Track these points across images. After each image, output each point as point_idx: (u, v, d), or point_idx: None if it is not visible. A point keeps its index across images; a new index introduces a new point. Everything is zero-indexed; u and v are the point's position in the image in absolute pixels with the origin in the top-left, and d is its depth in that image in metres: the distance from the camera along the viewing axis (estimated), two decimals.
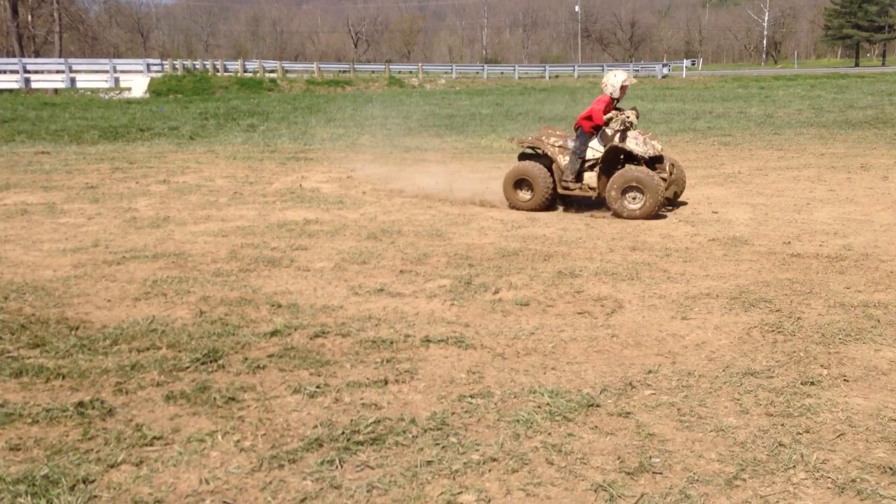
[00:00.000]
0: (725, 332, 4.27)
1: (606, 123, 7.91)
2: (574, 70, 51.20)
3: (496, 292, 5.08)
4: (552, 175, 8.20)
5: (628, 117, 7.79)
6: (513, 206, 8.27)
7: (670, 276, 5.44)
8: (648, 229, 7.03)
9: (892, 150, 12.97)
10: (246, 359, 3.88)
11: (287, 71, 43.86)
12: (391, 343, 4.10)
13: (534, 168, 8.20)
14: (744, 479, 2.70)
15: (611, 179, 7.68)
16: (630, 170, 7.63)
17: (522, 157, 8.67)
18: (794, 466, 2.78)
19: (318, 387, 3.53)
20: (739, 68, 74.13)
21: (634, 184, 7.54)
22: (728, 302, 4.80)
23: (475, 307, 4.77)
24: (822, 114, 20.40)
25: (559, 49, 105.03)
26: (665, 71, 51.33)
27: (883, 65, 72.51)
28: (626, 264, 5.76)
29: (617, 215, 7.67)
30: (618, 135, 7.84)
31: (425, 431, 3.09)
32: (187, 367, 3.78)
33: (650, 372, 3.71)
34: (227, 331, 4.30)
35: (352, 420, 3.19)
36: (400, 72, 48.35)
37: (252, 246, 6.43)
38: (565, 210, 8.30)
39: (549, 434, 3.07)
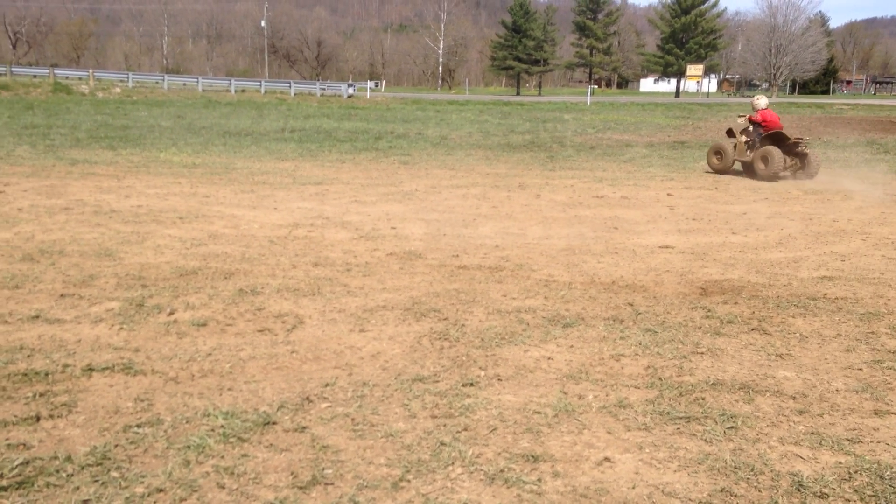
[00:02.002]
0: (399, 341, 4.51)
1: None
2: (261, 85, 50.74)
3: (171, 313, 4.85)
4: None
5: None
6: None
7: (350, 290, 5.61)
8: (331, 245, 7.19)
9: (544, 171, 14.65)
10: None
11: None
12: (46, 375, 3.73)
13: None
14: (408, 480, 2.87)
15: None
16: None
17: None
18: (453, 463, 3.01)
19: None
20: (419, 92, 78.92)
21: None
22: (402, 313, 5.07)
23: (147, 330, 4.51)
24: (488, 137, 22.43)
25: (246, 63, 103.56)
26: (350, 91, 52.91)
27: (539, 94, 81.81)
28: (309, 280, 5.83)
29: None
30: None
31: (83, 468, 2.84)
32: None
33: (327, 385, 3.79)
34: None
35: None
36: (68, 77, 44.28)
37: None
38: None
39: (222, 457, 3.00)
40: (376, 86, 68.04)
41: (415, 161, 15.66)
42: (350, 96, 50.63)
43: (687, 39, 78.89)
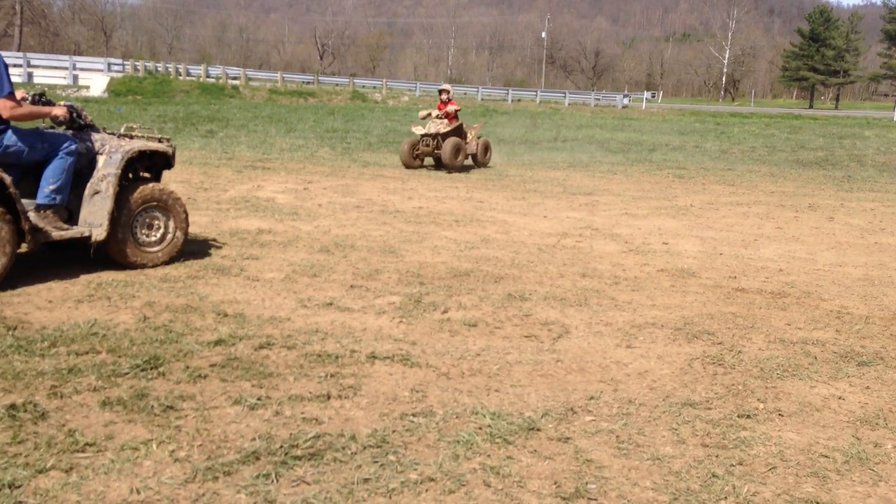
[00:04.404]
0: (668, 362, 4.34)
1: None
2: (536, 95, 51.83)
3: (445, 312, 5.09)
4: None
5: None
6: None
7: (618, 304, 5.52)
8: (599, 257, 7.13)
9: (839, 191, 13.37)
10: (187, 367, 3.82)
11: (250, 78, 43.58)
12: (336, 358, 4.08)
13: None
14: None
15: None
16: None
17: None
18: (726, 498, 2.83)
19: (259, 399, 3.49)
20: (698, 103, 75.80)
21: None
22: (672, 332, 4.88)
23: (423, 325, 4.78)
24: (774, 152, 20.96)
25: (523, 73, 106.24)
26: (625, 101, 52.22)
27: (836, 108, 74.81)
28: (576, 290, 5.82)
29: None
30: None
31: (365, 448, 3.07)
32: (126, 374, 3.70)
33: (592, 398, 3.75)
34: (169, 338, 4.23)
35: (291, 434, 3.16)
36: (364, 86, 48.43)
37: (202, 253, 6.35)
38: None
39: (489, 456, 3.08)
40: (653, 96, 66.49)
41: (691, 175, 15.06)
42: (625, 107, 49.99)
43: None
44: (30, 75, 35.90)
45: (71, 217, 5.59)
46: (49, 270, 5.52)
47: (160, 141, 6.03)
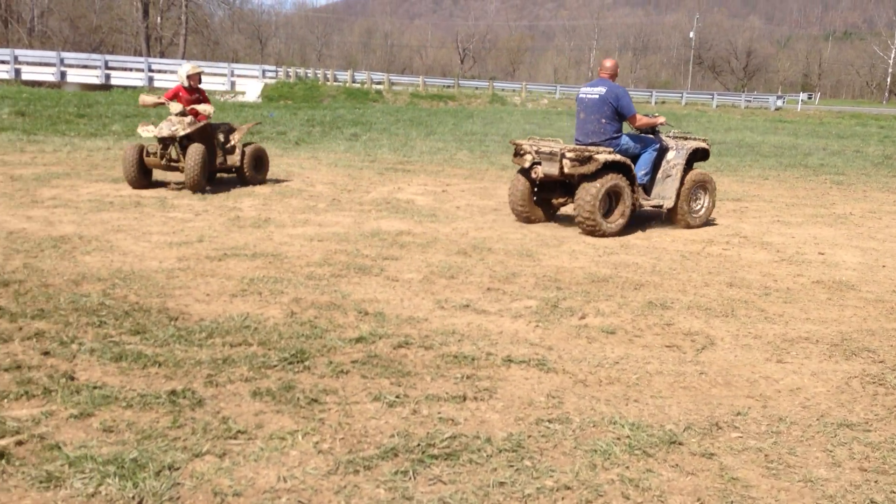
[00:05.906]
0: (823, 379, 4.08)
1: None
2: (682, 97, 50.23)
3: (582, 318, 5.02)
4: None
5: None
6: None
7: (768, 316, 5.25)
8: (748, 266, 6.80)
9: None
10: (331, 362, 3.97)
11: (393, 83, 44.67)
12: (473, 360, 4.11)
13: None
14: None
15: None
16: None
17: None
18: None
19: (397, 396, 3.57)
20: (859, 105, 70.96)
21: None
22: (828, 348, 4.59)
23: (560, 331, 4.73)
24: None
25: (668, 75, 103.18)
26: (779, 103, 49.67)
27: None
28: (722, 300, 5.59)
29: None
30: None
31: (500, 452, 3.07)
32: (275, 366, 3.89)
33: (739, 414, 3.58)
34: (315, 333, 4.41)
35: (428, 433, 3.21)
36: (503, 89, 48.57)
37: (345, 252, 6.57)
38: None
39: (627, 468, 3.00)
40: (809, 97, 62.87)
41: (850, 181, 14.11)
42: (778, 109, 47.57)
43: None
44: None
45: (646, 192, 8.31)
46: (205, 267, 5.88)
47: (698, 141, 8.62)
